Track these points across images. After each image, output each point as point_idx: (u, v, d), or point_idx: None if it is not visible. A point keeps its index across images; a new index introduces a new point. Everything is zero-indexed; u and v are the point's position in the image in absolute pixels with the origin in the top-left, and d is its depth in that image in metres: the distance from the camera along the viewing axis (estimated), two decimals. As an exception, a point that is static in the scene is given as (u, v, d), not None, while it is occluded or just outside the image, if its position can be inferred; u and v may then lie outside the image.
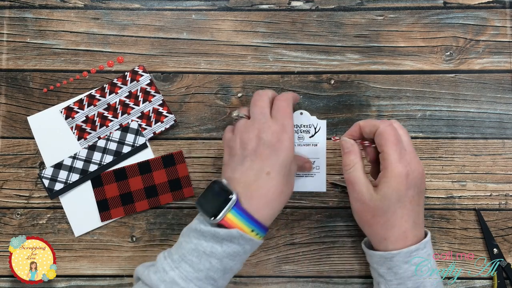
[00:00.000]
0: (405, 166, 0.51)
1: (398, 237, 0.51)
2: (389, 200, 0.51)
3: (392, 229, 0.51)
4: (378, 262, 0.53)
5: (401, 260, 0.51)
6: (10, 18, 0.65)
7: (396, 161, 0.51)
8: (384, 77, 0.64)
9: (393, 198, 0.51)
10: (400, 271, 0.51)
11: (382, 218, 0.51)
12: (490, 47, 0.64)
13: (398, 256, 0.51)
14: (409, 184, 0.51)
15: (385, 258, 0.52)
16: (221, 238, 0.49)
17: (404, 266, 0.51)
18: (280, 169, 0.51)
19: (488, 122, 0.64)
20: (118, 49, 0.65)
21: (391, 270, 0.52)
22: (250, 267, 0.63)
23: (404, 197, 0.51)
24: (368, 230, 0.54)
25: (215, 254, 0.49)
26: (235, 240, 0.50)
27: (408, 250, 0.51)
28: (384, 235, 0.52)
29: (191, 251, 0.50)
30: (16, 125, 0.64)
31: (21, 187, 0.63)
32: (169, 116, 0.64)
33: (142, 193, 0.63)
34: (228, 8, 0.65)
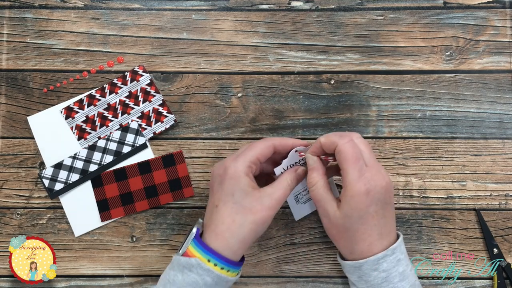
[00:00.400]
0: (364, 184, 0.50)
1: (364, 250, 0.52)
2: (350, 218, 0.51)
3: (356, 244, 0.52)
4: (349, 271, 0.54)
5: (369, 268, 0.52)
6: (10, 18, 0.65)
7: (355, 180, 0.50)
8: (384, 77, 0.64)
9: (354, 217, 0.50)
10: (370, 279, 0.52)
11: (345, 234, 0.52)
12: (490, 47, 0.64)
13: (365, 264, 0.52)
14: (370, 201, 0.50)
15: (354, 267, 0.53)
16: (182, 266, 0.50)
17: (373, 273, 0.52)
18: (226, 199, 0.51)
19: (488, 122, 0.64)
20: (118, 49, 0.65)
21: (361, 278, 0.53)
22: (250, 267, 0.63)
23: (365, 214, 0.51)
24: (335, 243, 0.55)
25: (176, 282, 0.50)
26: (193, 269, 0.50)
27: (375, 258, 0.51)
28: (349, 249, 0.53)
29: (161, 279, 0.53)
30: (16, 125, 0.64)
31: (21, 187, 0.64)
32: (169, 116, 0.64)
33: (142, 193, 0.63)
34: (228, 8, 0.65)
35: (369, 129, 0.64)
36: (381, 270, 0.52)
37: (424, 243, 0.63)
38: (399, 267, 0.52)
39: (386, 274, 0.52)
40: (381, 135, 0.64)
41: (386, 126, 0.64)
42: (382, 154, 0.63)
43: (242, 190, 0.51)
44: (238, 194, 0.51)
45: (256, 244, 0.63)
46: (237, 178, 0.51)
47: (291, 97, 0.64)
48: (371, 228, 0.51)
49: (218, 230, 0.51)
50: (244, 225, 0.50)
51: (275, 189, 0.52)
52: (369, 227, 0.51)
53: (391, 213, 0.53)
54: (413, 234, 0.63)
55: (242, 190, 0.51)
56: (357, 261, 0.52)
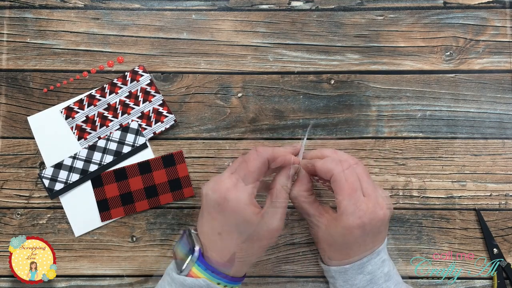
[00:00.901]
0: (359, 217, 0.48)
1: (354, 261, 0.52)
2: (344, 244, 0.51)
3: (348, 258, 0.52)
4: (334, 277, 0.54)
5: (354, 272, 0.52)
6: (10, 18, 0.65)
7: (349, 214, 0.49)
8: (384, 77, 0.64)
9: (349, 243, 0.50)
10: (356, 282, 0.52)
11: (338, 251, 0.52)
12: (490, 47, 0.64)
13: (351, 269, 0.52)
14: (362, 233, 0.50)
15: (339, 272, 0.53)
16: (188, 287, 0.49)
17: (358, 277, 0.52)
18: (230, 229, 0.49)
19: (488, 122, 0.64)
20: (118, 49, 0.65)
21: (347, 282, 0.52)
22: (250, 267, 0.63)
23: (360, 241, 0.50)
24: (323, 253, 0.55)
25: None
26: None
27: (361, 263, 0.51)
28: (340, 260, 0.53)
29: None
30: (16, 125, 0.64)
31: (21, 187, 0.64)
32: (169, 116, 0.64)
33: (142, 193, 0.63)
34: (228, 8, 0.65)
35: (369, 129, 0.64)
36: (366, 272, 0.51)
37: (424, 243, 0.63)
38: (384, 268, 0.52)
39: (371, 276, 0.52)
40: (381, 135, 0.64)
41: (386, 126, 0.64)
42: (382, 154, 0.63)
43: (245, 221, 0.48)
44: (242, 226, 0.49)
45: (256, 244, 0.63)
46: (241, 211, 0.48)
47: (291, 97, 0.64)
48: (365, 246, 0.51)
49: (226, 257, 0.50)
50: (252, 253, 0.50)
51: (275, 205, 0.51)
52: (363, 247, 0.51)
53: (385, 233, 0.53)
54: (413, 234, 0.63)
55: (246, 221, 0.48)
56: (342, 267, 0.52)
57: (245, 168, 0.50)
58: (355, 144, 0.63)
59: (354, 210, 0.48)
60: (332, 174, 0.50)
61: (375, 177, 0.63)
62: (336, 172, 0.49)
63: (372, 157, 0.63)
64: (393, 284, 0.52)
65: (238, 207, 0.48)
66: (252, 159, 0.50)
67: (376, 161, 0.63)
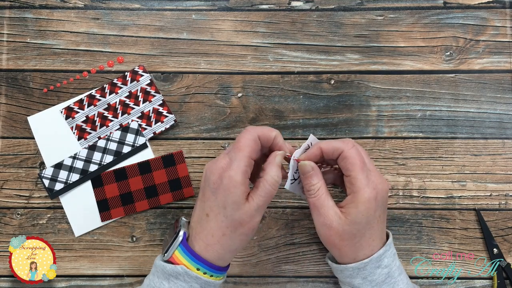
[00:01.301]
0: (373, 188, 0.50)
1: (366, 255, 0.52)
2: (359, 225, 0.50)
3: (361, 250, 0.51)
4: (352, 275, 0.52)
5: (373, 266, 0.51)
6: (10, 18, 0.65)
7: (365, 186, 0.50)
8: (384, 77, 0.64)
9: (363, 222, 0.50)
10: (375, 277, 0.52)
11: (351, 241, 0.51)
12: (490, 47, 0.64)
13: (370, 263, 0.51)
14: (376, 206, 0.50)
15: (358, 268, 0.52)
16: (168, 274, 0.50)
17: (377, 271, 0.52)
18: (218, 211, 0.49)
19: (488, 122, 0.64)
20: (118, 49, 0.65)
21: (366, 279, 0.52)
22: (250, 267, 0.63)
23: (372, 219, 0.51)
24: (336, 252, 0.53)
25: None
26: (180, 277, 0.50)
27: (378, 255, 0.51)
28: (353, 256, 0.52)
29: (146, 286, 0.52)
30: (16, 125, 0.64)
31: (21, 187, 0.64)
32: (169, 116, 0.64)
33: (142, 193, 0.63)
34: (228, 8, 0.65)
35: (369, 129, 0.64)
36: (383, 266, 0.52)
37: (424, 243, 0.63)
38: (396, 261, 0.53)
39: (388, 269, 0.52)
40: (381, 135, 0.64)
41: (386, 126, 0.64)
42: (382, 154, 0.63)
43: (234, 203, 0.48)
44: (230, 207, 0.49)
45: (256, 244, 0.63)
46: (232, 189, 0.48)
47: (291, 97, 0.64)
48: (375, 232, 0.51)
49: (208, 241, 0.50)
50: (234, 238, 0.50)
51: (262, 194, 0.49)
52: (374, 232, 0.51)
53: (385, 216, 0.54)
54: (413, 234, 0.63)
55: (235, 202, 0.48)
56: (361, 262, 0.51)
57: (237, 146, 0.50)
58: (355, 144, 0.63)
59: (368, 183, 0.50)
60: (342, 151, 0.51)
61: (375, 177, 0.63)
62: (345, 149, 0.50)
63: (372, 157, 0.63)
64: (406, 278, 0.53)
65: (230, 186, 0.48)
66: (242, 136, 0.50)
67: (376, 161, 0.63)
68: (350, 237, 0.51)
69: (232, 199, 0.48)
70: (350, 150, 0.51)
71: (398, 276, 0.52)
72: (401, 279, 0.53)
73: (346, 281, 0.54)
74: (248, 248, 0.63)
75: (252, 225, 0.50)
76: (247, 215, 0.49)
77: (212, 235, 0.50)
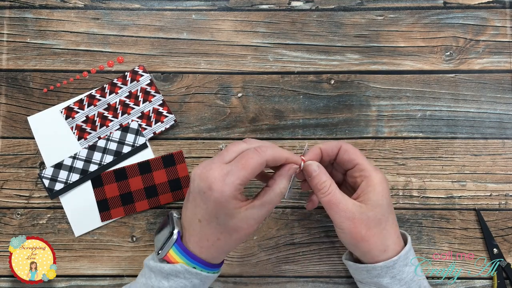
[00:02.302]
0: (380, 172, 0.52)
1: (396, 244, 0.51)
2: (381, 207, 0.50)
3: (390, 237, 0.50)
4: (380, 275, 0.51)
5: (402, 264, 0.50)
6: (10, 18, 0.65)
7: (374, 169, 0.51)
8: (384, 77, 0.64)
9: (384, 204, 0.50)
10: (404, 276, 0.51)
11: (378, 228, 0.50)
12: (490, 47, 0.64)
13: (399, 260, 0.50)
14: (388, 189, 0.51)
15: (387, 267, 0.50)
16: (166, 273, 0.50)
17: (405, 269, 0.51)
18: (208, 218, 0.48)
19: (488, 122, 0.64)
20: (118, 49, 0.65)
21: (395, 278, 0.50)
22: (250, 267, 0.63)
23: (390, 201, 0.51)
24: (364, 246, 0.50)
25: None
26: (180, 274, 0.50)
27: (405, 252, 0.51)
28: (383, 246, 0.50)
29: (143, 285, 0.51)
30: (16, 125, 0.64)
31: (21, 187, 0.64)
32: (169, 116, 0.64)
33: (142, 193, 0.63)
34: (228, 8, 0.65)
35: (369, 129, 0.64)
36: (411, 264, 0.51)
37: (424, 243, 0.63)
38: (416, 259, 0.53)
39: (414, 268, 0.51)
40: (381, 135, 0.64)
41: (386, 126, 0.64)
42: (382, 154, 0.63)
43: (227, 215, 0.47)
44: (222, 217, 0.47)
45: (256, 244, 0.63)
46: (223, 204, 0.46)
47: (291, 97, 0.64)
48: (394, 217, 0.52)
49: (203, 245, 0.49)
50: (229, 242, 0.49)
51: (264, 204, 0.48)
52: (394, 216, 0.52)
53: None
54: (413, 234, 0.63)
55: (227, 214, 0.47)
56: (390, 260, 0.50)
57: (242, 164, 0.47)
58: (355, 144, 0.63)
59: (374, 168, 0.52)
60: (340, 146, 0.53)
61: (375, 177, 0.63)
62: (343, 144, 0.52)
63: (372, 157, 0.63)
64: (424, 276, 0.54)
65: (221, 199, 0.46)
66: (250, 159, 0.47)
67: (376, 161, 0.63)
68: (376, 224, 0.49)
69: (223, 212, 0.47)
70: (347, 144, 0.53)
71: (421, 275, 0.52)
72: (423, 277, 0.53)
73: (372, 281, 0.52)
74: (248, 248, 0.63)
75: (248, 231, 0.49)
76: (243, 222, 0.48)
77: (207, 240, 0.49)
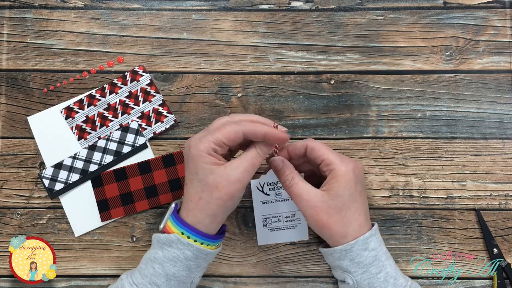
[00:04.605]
0: (348, 163, 0.53)
1: (356, 231, 0.53)
2: (342, 197, 0.52)
3: (350, 224, 0.53)
4: (340, 257, 0.54)
5: (360, 248, 0.53)
6: (10, 18, 0.65)
7: (340, 161, 0.53)
8: (384, 77, 0.64)
9: (346, 195, 0.52)
10: (362, 259, 0.53)
11: (338, 216, 0.53)
12: (490, 47, 0.64)
13: (356, 245, 0.53)
14: (356, 180, 0.53)
15: (345, 250, 0.53)
16: (161, 242, 0.53)
17: (364, 253, 0.53)
18: (191, 177, 0.52)
19: (488, 122, 0.64)
20: (118, 49, 0.65)
21: (353, 261, 0.53)
22: (250, 267, 0.63)
23: (354, 192, 0.53)
24: (327, 232, 0.54)
25: (156, 259, 0.53)
26: (173, 244, 0.52)
27: (364, 237, 0.53)
28: (343, 232, 0.53)
29: (142, 259, 0.55)
30: (16, 125, 0.64)
31: (21, 187, 0.64)
32: (169, 116, 0.64)
33: (142, 193, 0.63)
34: (228, 8, 0.65)
35: (369, 129, 0.64)
36: (370, 249, 0.53)
37: (424, 243, 0.63)
38: (383, 247, 0.55)
39: (375, 252, 0.53)
40: (381, 135, 0.64)
41: (386, 126, 0.64)
42: (382, 154, 0.63)
43: (204, 169, 0.50)
44: (201, 173, 0.50)
45: (256, 244, 0.63)
46: (199, 157, 0.50)
47: (291, 97, 0.64)
48: (360, 207, 0.54)
49: (188, 207, 0.52)
50: (210, 202, 0.51)
51: (242, 161, 0.51)
52: (358, 206, 0.53)
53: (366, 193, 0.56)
54: (413, 234, 0.63)
55: (205, 168, 0.50)
56: (347, 243, 0.53)
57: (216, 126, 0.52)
58: (355, 144, 0.63)
59: (342, 160, 0.53)
60: (306, 144, 0.55)
61: (375, 177, 0.63)
62: (309, 143, 0.54)
63: (372, 157, 0.63)
64: (393, 263, 0.55)
65: (197, 155, 0.50)
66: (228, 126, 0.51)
67: (376, 161, 0.63)
68: (336, 212, 0.52)
69: (201, 166, 0.50)
70: (313, 142, 0.54)
71: (386, 261, 0.54)
72: (388, 264, 0.54)
73: (335, 264, 0.56)
74: (248, 248, 0.63)
75: (229, 190, 0.50)
76: (222, 178, 0.50)
77: (191, 200, 0.52)
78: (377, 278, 0.53)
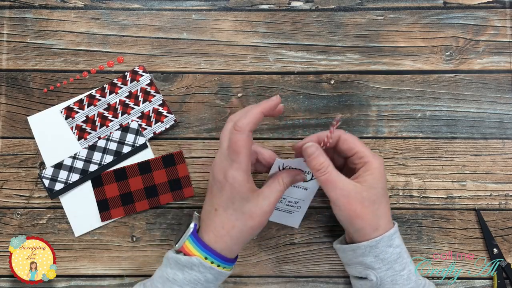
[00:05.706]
0: (379, 158, 0.54)
1: (386, 225, 0.54)
2: (376, 190, 0.53)
3: (381, 218, 0.53)
4: (364, 254, 0.54)
5: (385, 244, 0.53)
6: (10, 18, 0.65)
7: (373, 156, 0.54)
8: (384, 77, 0.64)
9: (379, 188, 0.53)
10: (387, 256, 0.53)
11: (372, 207, 0.53)
12: (490, 47, 0.64)
13: (382, 241, 0.53)
14: (384, 175, 0.54)
15: (370, 246, 0.53)
16: (182, 265, 0.52)
17: (389, 250, 0.53)
18: (226, 206, 0.51)
19: (488, 122, 0.64)
20: (118, 49, 0.65)
21: (378, 257, 0.53)
22: (250, 267, 0.63)
23: (385, 187, 0.54)
24: (359, 223, 0.53)
25: (176, 281, 0.52)
26: (195, 267, 0.51)
27: (389, 234, 0.53)
28: (375, 224, 0.53)
29: (158, 277, 0.53)
30: (16, 125, 0.64)
31: (21, 187, 0.64)
32: (169, 116, 0.64)
33: (142, 193, 0.63)
34: (228, 8, 0.65)
35: (369, 129, 0.64)
36: (395, 245, 0.53)
37: (424, 243, 0.63)
38: (404, 245, 0.55)
39: (399, 249, 0.54)
40: (381, 135, 0.64)
41: (386, 126, 0.64)
42: (382, 154, 0.63)
43: (242, 198, 0.51)
44: (238, 202, 0.51)
45: (256, 244, 0.63)
46: (237, 187, 0.50)
47: (291, 97, 0.64)
48: (387, 202, 0.54)
49: (218, 233, 0.52)
50: (244, 230, 0.51)
51: (272, 191, 0.52)
52: (387, 200, 0.54)
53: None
54: (413, 234, 0.63)
55: (242, 197, 0.51)
56: (373, 240, 0.52)
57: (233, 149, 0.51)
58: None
59: (373, 154, 0.54)
60: (339, 136, 0.55)
61: (375, 177, 0.63)
62: (342, 134, 0.55)
63: (372, 157, 0.63)
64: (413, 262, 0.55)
65: (235, 184, 0.50)
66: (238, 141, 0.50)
67: (376, 161, 0.63)
68: (370, 203, 0.52)
69: (239, 195, 0.51)
70: (346, 134, 0.55)
71: (408, 258, 0.54)
72: (410, 262, 0.54)
73: (357, 260, 0.55)
74: (248, 248, 0.63)
75: (261, 219, 0.52)
76: (256, 208, 0.51)
77: (222, 227, 0.51)
78: (400, 275, 0.53)
